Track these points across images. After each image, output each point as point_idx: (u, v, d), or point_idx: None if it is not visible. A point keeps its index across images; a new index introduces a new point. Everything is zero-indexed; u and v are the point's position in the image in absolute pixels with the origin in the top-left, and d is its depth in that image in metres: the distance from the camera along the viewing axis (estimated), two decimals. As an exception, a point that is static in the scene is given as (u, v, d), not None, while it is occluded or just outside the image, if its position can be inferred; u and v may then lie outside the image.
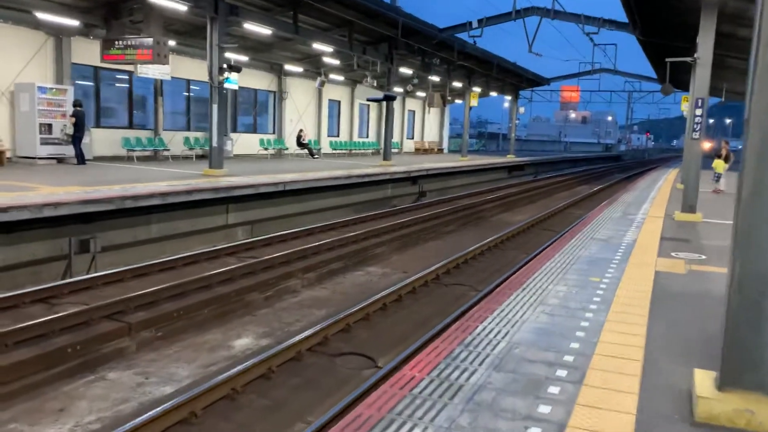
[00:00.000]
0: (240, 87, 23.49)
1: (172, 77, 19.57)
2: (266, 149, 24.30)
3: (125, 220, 11.39)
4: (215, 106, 14.85)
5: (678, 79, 27.69)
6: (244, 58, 21.34)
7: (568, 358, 4.06)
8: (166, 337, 7.30)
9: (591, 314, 5.06)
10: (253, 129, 25.15)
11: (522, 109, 43.65)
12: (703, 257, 7.79)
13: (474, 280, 10.45)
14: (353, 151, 30.91)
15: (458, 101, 38.61)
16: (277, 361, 6.30)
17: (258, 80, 24.55)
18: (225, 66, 14.65)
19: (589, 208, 19.86)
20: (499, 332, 4.58)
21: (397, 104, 36.23)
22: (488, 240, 13.38)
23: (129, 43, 15.02)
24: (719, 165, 18.37)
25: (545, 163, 41.16)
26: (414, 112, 38.44)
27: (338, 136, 30.48)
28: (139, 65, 17.56)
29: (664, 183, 21.88)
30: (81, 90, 18.02)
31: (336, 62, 23.48)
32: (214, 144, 15.04)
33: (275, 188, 14.44)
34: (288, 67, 24.39)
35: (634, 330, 4.67)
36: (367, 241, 13.11)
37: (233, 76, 20.03)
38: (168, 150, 19.92)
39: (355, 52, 21.24)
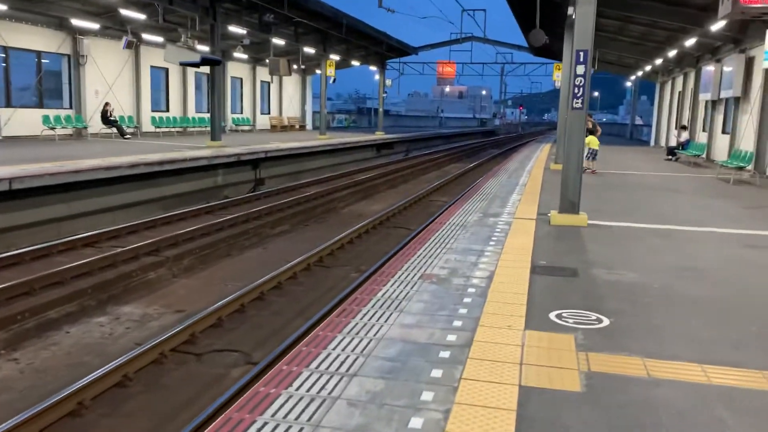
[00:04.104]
0: (11, 48, 17.89)
1: None
2: (53, 128, 18.76)
3: None
4: None
5: (550, 48, 25.34)
6: (2, 7, 15.74)
7: None
8: None
9: None
10: (39, 103, 19.46)
11: (389, 82, 40.17)
12: (606, 322, 4.24)
13: (254, 339, 6.58)
14: (188, 129, 25.83)
15: (319, 72, 34.36)
16: None
17: (41, 40, 18.83)
18: None
19: (454, 194, 16.95)
20: None
21: (246, 73, 31.42)
22: (319, 249, 9.66)
23: None
24: (593, 141, 16.10)
25: (418, 140, 38.14)
26: (269, 83, 33.65)
27: (167, 110, 25.19)
28: None
29: (535, 163, 19.12)
30: None
31: (142, 17, 18.37)
32: None
33: (-6, 188, 9.65)
34: (80, 23, 18.83)
35: None
36: (134, 262, 8.93)
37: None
38: None
39: (158, 2, 16.38)
